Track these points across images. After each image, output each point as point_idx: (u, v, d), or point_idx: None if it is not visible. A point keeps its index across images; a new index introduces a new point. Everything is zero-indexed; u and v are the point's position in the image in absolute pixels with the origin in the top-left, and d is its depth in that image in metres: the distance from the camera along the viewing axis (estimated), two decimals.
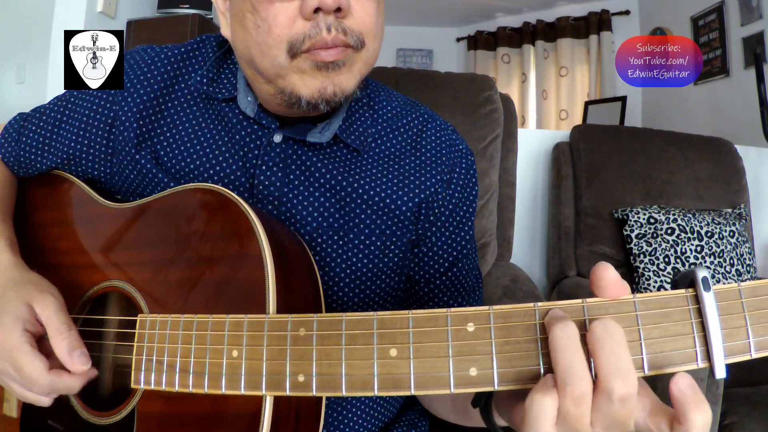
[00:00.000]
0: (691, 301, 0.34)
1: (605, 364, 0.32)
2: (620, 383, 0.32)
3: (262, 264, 0.46)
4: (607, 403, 0.32)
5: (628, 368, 0.32)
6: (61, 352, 0.49)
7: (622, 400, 0.32)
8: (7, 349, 0.48)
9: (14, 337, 0.48)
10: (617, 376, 0.32)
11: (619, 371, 0.32)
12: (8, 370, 0.49)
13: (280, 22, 0.51)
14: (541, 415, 0.33)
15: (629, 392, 0.32)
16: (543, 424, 0.33)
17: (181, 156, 0.61)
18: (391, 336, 0.38)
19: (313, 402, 0.48)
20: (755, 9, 2.66)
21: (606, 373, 0.32)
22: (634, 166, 1.72)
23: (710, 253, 1.60)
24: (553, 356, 0.33)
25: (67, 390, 0.50)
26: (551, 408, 0.33)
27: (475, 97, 1.49)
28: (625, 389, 0.32)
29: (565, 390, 0.32)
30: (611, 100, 3.47)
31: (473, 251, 0.70)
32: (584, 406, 0.33)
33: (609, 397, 0.32)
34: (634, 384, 0.32)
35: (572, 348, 0.33)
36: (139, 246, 0.55)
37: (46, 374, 0.48)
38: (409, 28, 4.54)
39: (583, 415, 0.33)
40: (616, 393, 0.32)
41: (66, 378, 0.49)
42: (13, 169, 0.69)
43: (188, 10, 2.41)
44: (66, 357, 0.49)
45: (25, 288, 0.52)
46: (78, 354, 0.49)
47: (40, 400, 0.51)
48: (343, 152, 0.63)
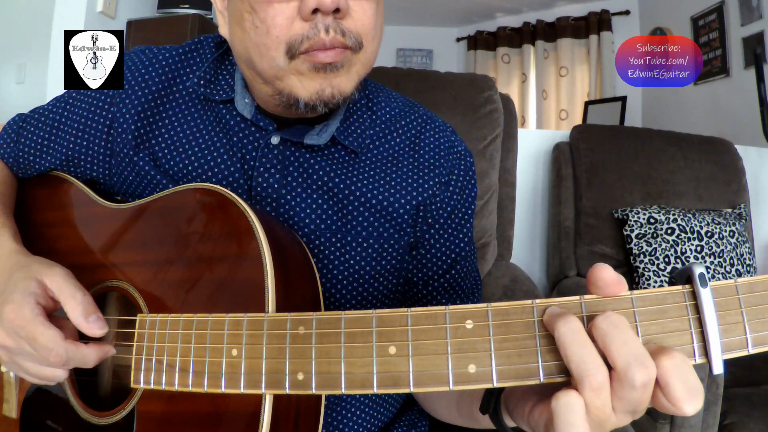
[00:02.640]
0: (689, 298, 0.34)
1: (621, 355, 0.32)
2: (641, 370, 0.32)
3: (261, 263, 0.46)
4: (630, 391, 0.32)
5: (643, 353, 0.32)
6: (77, 317, 0.48)
7: (644, 385, 0.32)
8: (20, 324, 0.48)
9: (27, 310, 0.48)
10: (636, 364, 0.32)
11: (636, 359, 0.32)
12: (22, 346, 0.49)
13: (279, 23, 0.51)
14: (571, 414, 0.33)
15: (650, 376, 0.32)
16: (575, 422, 0.33)
17: (179, 158, 0.61)
18: (389, 334, 0.38)
19: (313, 401, 0.48)
20: (755, 9, 2.66)
21: (623, 363, 0.32)
22: (634, 166, 1.72)
23: (710, 253, 1.60)
24: (564, 353, 0.33)
25: (83, 362, 0.49)
26: (579, 405, 0.33)
27: (475, 97, 1.49)
28: (646, 375, 0.32)
29: (584, 383, 0.32)
30: (611, 100, 3.47)
31: (472, 253, 0.70)
32: (604, 394, 0.33)
33: (632, 386, 0.32)
34: (654, 367, 0.32)
35: (581, 341, 0.33)
36: (139, 246, 0.55)
37: (63, 342, 0.48)
38: (409, 28, 4.54)
39: (605, 405, 0.33)
40: (638, 380, 0.32)
41: (83, 348, 0.49)
42: (12, 169, 0.69)
43: (188, 10, 2.41)
44: (83, 322, 0.48)
45: (33, 267, 0.52)
46: (94, 318, 0.48)
47: (56, 373, 0.50)
48: (341, 154, 0.63)
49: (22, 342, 0.48)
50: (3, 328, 0.49)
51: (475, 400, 0.50)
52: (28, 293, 0.49)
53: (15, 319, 0.48)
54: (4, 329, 0.49)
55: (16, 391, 0.58)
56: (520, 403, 0.41)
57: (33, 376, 0.51)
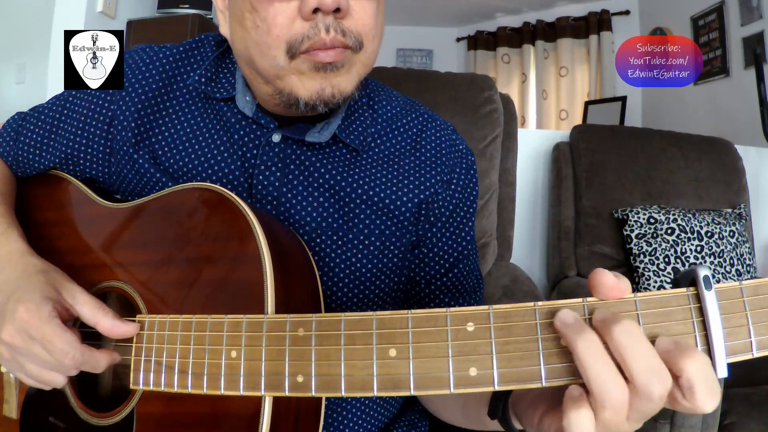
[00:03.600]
0: (693, 300, 0.34)
1: (640, 370, 0.32)
2: (659, 384, 0.32)
3: (260, 264, 0.46)
4: (647, 403, 0.32)
5: (660, 366, 0.32)
6: (103, 321, 0.49)
7: (661, 397, 0.32)
8: (36, 324, 0.48)
9: (45, 312, 0.48)
10: (655, 379, 0.32)
11: (655, 373, 0.32)
12: (30, 347, 0.49)
13: (279, 22, 0.51)
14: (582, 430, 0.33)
15: (667, 389, 0.32)
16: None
17: (179, 156, 0.61)
18: (390, 336, 0.37)
19: (313, 403, 0.48)
20: (755, 9, 2.66)
21: (642, 377, 0.32)
22: (634, 166, 1.72)
23: (710, 253, 1.60)
24: (583, 370, 0.33)
25: (95, 366, 0.50)
26: (589, 422, 0.33)
27: (475, 97, 1.49)
28: (664, 388, 0.32)
29: (603, 401, 0.32)
30: (611, 100, 3.47)
31: (474, 252, 0.70)
32: (624, 410, 0.33)
33: (650, 398, 0.32)
34: (670, 379, 0.32)
35: (600, 358, 0.33)
36: (138, 246, 0.55)
37: (79, 345, 0.48)
38: (409, 28, 4.54)
39: (623, 419, 0.33)
40: (656, 393, 0.32)
41: (96, 353, 0.50)
42: (12, 168, 0.68)
43: (188, 10, 2.41)
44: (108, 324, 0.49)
45: (52, 275, 0.53)
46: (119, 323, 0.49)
47: (56, 379, 0.50)
48: (342, 152, 0.62)
49: (31, 342, 0.48)
50: (13, 326, 0.49)
51: (483, 403, 0.49)
52: (46, 297, 0.49)
53: (30, 319, 0.48)
54: (14, 327, 0.49)
55: (17, 391, 0.58)
56: (530, 410, 0.41)
57: (32, 378, 0.51)
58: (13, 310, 0.49)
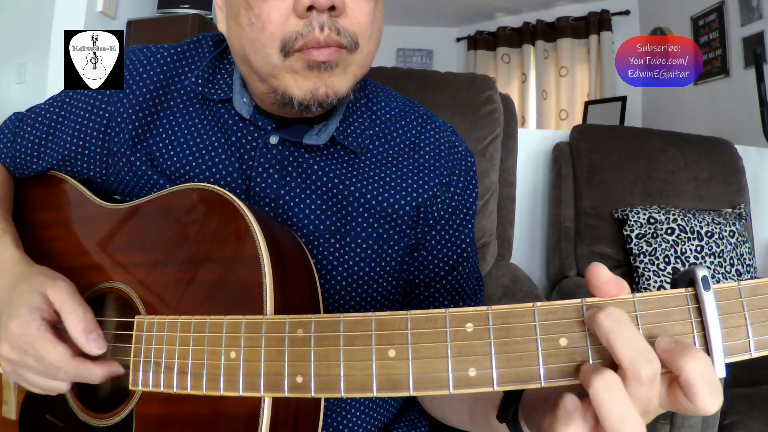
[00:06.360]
0: (691, 301, 0.34)
1: (626, 352, 0.32)
2: (646, 365, 0.32)
3: (259, 264, 0.46)
4: (636, 385, 0.32)
5: (647, 348, 0.33)
6: (78, 335, 0.48)
7: (651, 380, 0.32)
8: (28, 341, 0.48)
9: (33, 327, 0.48)
10: (642, 360, 0.32)
11: (642, 354, 0.32)
12: (27, 361, 0.49)
13: (274, 19, 0.51)
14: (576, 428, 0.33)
15: (656, 370, 0.32)
16: None
17: (177, 158, 0.61)
18: (389, 337, 0.37)
19: (312, 403, 0.48)
20: (755, 9, 2.66)
21: (629, 360, 0.32)
22: (634, 166, 1.72)
23: (710, 253, 1.60)
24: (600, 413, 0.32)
25: (90, 378, 0.50)
26: None
27: (475, 97, 1.49)
28: (652, 369, 0.32)
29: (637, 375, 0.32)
30: (611, 100, 3.47)
31: (473, 254, 0.70)
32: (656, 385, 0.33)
33: (638, 380, 0.32)
34: (658, 361, 0.33)
35: (621, 401, 0.32)
36: (136, 246, 0.55)
37: (72, 360, 0.48)
38: (409, 28, 4.54)
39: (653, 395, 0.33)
40: (644, 375, 0.32)
41: (90, 366, 0.49)
42: (9, 169, 0.68)
43: (188, 10, 2.41)
44: (82, 339, 0.48)
45: (37, 279, 0.52)
46: (94, 336, 0.48)
47: (59, 386, 0.50)
48: (340, 154, 0.62)
49: (27, 357, 0.49)
50: (8, 343, 0.49)
51: (491, 407, 0.49)
52: (33, 308, 0.49)
53: (21, 336, 0.48)
54: (9, 344, 0.49)
55: (16, 393, 0.58)
56: (534, 412, 0.41)
57: (37, 387, 0.51)
58: (6, 326, 0.49)
